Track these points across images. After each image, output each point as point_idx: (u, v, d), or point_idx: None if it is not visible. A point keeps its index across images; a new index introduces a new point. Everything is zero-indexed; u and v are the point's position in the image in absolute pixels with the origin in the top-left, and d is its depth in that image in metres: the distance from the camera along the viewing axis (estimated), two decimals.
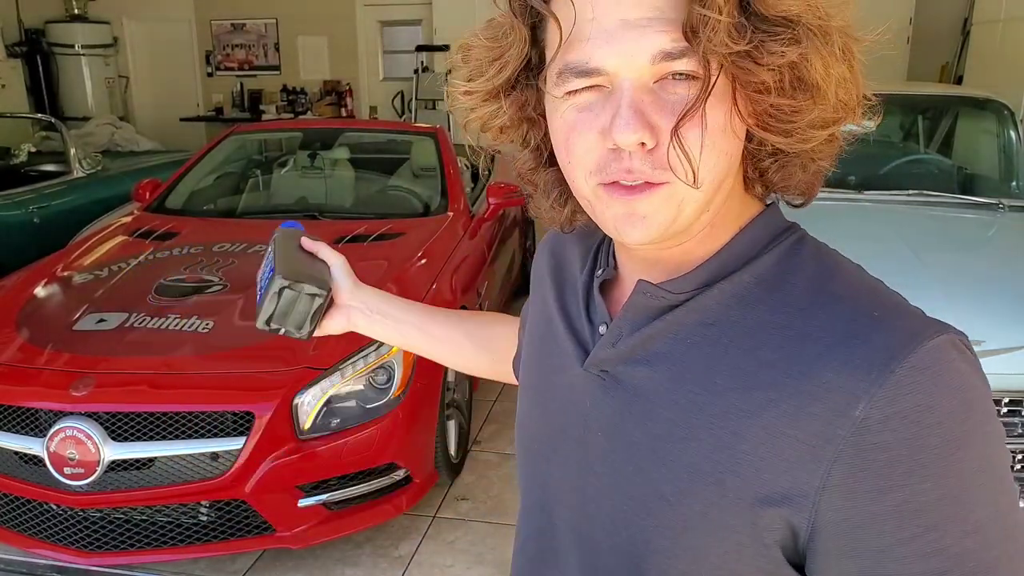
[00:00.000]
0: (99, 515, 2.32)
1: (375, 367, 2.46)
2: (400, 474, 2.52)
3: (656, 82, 0.54)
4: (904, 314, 0.56)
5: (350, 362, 2.42)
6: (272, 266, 0.86)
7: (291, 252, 0.89)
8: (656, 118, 0.54)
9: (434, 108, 8.28)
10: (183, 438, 2.27)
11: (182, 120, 8.96)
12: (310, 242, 0.93)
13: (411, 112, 8.55)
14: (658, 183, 0.55)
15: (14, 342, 2.52)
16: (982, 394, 0.54)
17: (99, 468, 2.22)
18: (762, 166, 0.61)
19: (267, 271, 0.87)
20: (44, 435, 2.24)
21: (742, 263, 0.61)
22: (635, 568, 0.62)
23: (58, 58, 8.49)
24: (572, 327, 0.71)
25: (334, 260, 0.93)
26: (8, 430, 2.33)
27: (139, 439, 2.26)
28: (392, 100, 8.85)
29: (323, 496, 2.38)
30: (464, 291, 3.10)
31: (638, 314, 0.63)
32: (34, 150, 5.82)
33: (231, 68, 9.32)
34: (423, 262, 3.07)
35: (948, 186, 3.48)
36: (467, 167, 4.37)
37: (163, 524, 2.34)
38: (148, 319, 2.58)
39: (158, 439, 2.26)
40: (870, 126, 0.60)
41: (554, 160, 0.64)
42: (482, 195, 3.94)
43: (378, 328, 0.93)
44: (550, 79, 0.58)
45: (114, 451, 2.22)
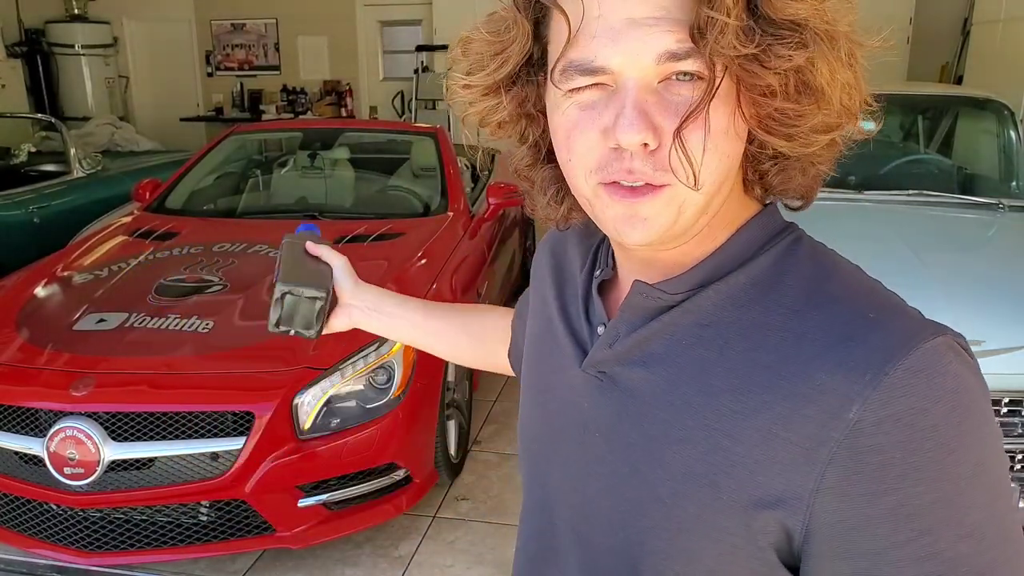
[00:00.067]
0: (99, 515, 2.32)
1: (375, 367, 2.46)
2: (400, 474, 2.52)
3: (660, 82, 0.54)
4: (901, 316, 0.55)
5: (350, 362, 2.42)
6: (278, 274, 0.93)
7: (295, 258, 0.95)
8: (659, 119, 0.53)
9: (434, 108, 8.28)
10: (183, 438, 2.27)
11: (182, 120, 8.95)
12: (314, 246, 0.97)
13: (411, 112, 8.55)
14: (659, 185, 0.55)
15: (14, 342, 2.52)
16: (978, 397, 0.53)
17: (99, 468, 2.22)
18: (762, 168, 0.61)
19: (275, 278, 0.95)
20: (44, 435, 2.24)
21: (738, 264, 0.61)
22: (632, 569, 0.62)
23: (58, 58, 8.48)
24: (571, 327, 0.71)
25: (336, 262, 0.97)
26: (8, 430, 2.33)
27: (139, 439, 2.26)
28: (392, 100, 8.84)
29: (323, 496, 2.38)
30: (464, 291, 3.10)
31: (635, 315, 0.63)
32: (34, 150, 5.81)
33: (231, 68, 9.31)
34: (423, 262, 3.07)
35: (948, 186, 3.48)
36: (467, 167, 4.36)
37: (163, 524, 2.34)
38: (148, 319, 2.58)
39: (158, 439, 2.26)
40: (871, 127, 0.60)
41: (552, 157, 0.64)
42: (482, 195, 3.94)
43: (375, 324, 0.98)
44: (554, 75, 0.57)
45: (114, 451, 2.23)
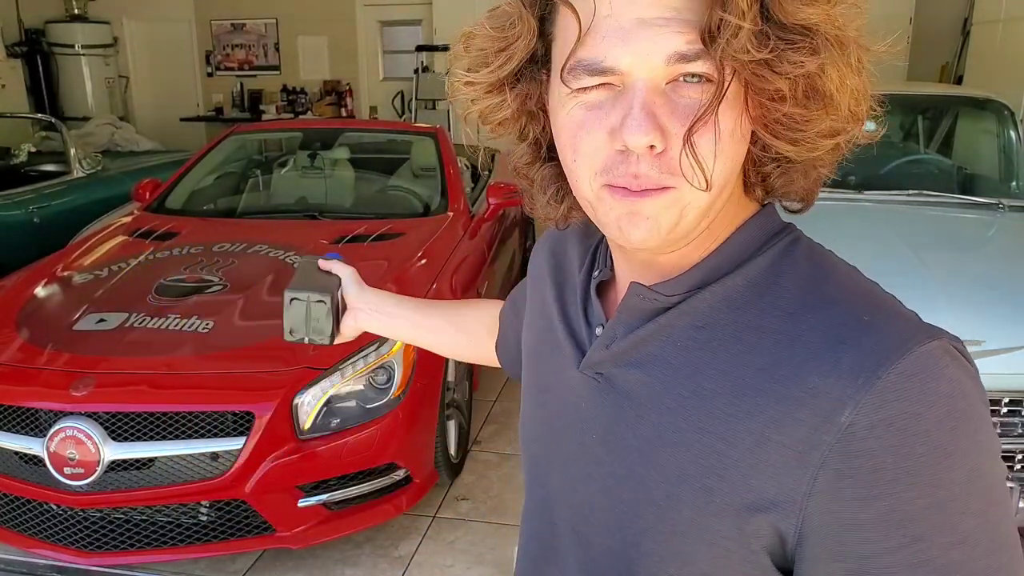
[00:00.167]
0: (99, 515, 2.32)
1: (375, 367, 2.46)
2: (400, 474, 2.52)
3: (668, 83, 0.53)
4: (896, 319, 0.55)
5: (350, 362, 2.42)
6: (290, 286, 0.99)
7: (307, 272, 1.01)
8: (666, 121, 0.53)
9: (434, 108, 8.28)
10: (183, 438, 2.27)
11: (182, 120, 8.95)
12: (326, 262, 1.02)
13: (411, 112, 8.55)
14: (664, 187, 0.54)
15: (14, 342, 2.52)
16: (974, 402, 0.52)
17: (99, 468, 2.22)
18: (765, 171, 0.60)
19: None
20: (44, 435, 2.24)
21: (735, 265, 0.60)
22: (628, 571, 0.62)
23: (58, 58, 8.48)
24: (570, 328, 0.71)
25: (344, 272, 1.01)
26: (8, 430, 2.33)
27: (139, 439, 2.25)
28: (392, 100, 8.84)
29: (323, 496, 2.38)
30: (464, 291, 3.10)
31: (632, 316, 0.63)
32: (34, 150, 5.81)
33: (231, 68, 9.31)
34: (423, 262, 3.07)
35: (948, 186, 3.48)
36: (467, 167, 4.36)
37: (163, 524, 2.34)
38: (148, 319, 2.58)
39: (158, 439, 2.26)
40: (873, 128, 0.60)
41: (552, 155, 0.63)
42: (482, 195, 3.94)
43: (376, 324, 1.00)
44: (561, 74, 0.56)
45: (114, 451, 2.22)
